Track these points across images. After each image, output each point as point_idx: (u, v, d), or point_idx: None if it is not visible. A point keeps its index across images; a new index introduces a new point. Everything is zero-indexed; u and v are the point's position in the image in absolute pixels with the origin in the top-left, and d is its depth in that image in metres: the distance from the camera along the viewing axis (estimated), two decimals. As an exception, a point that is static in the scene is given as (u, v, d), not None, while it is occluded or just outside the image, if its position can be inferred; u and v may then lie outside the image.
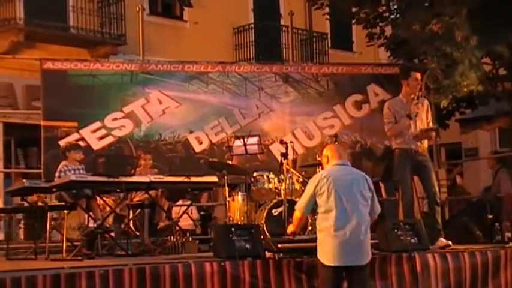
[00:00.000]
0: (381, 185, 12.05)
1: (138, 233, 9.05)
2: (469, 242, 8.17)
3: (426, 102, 8.12)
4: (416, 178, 7.99)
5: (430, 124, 7.95)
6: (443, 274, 6.83)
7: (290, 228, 6.14)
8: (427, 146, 7.93)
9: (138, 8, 12.20)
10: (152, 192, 8.54)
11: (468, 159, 16.49)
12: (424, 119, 7.88)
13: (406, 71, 8.10)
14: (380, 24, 12.50)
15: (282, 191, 8.01)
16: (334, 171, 5.72)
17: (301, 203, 5.82)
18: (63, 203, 8.20)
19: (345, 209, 5.56)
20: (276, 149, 9.92)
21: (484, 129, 14.65)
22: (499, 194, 9.86)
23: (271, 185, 8.25)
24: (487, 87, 11.23)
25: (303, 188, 8.45)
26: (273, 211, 7.87)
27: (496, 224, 8.45)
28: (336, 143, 8.32)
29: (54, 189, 8.07)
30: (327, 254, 5.57)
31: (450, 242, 7.49)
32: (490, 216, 8.98)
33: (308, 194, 5.70)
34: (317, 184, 5.63)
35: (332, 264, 5.54)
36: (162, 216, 9.11)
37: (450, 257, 6.91)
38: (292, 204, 7.94)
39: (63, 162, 8.40)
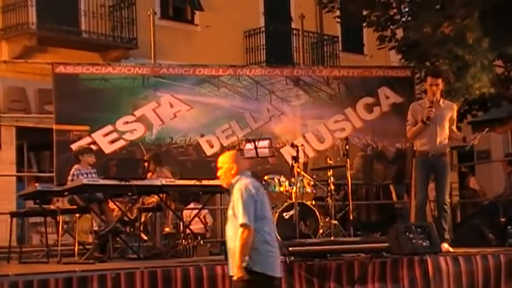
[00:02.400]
0: (392, 188, 12.06)
1: (145, 237, 9.05)
2: (481, 245, 8.14)
3: (450, 106, 8.04)
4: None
5: (453, 128, 7.89)
6: (456, 277, 6.81)
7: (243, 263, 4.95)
8: (446, 150, 7.87)
9: (149, 12, 12.25)
10: (156, 198, 8.56)
11: (480, 161, 16.41)
12: (446, 123, 7.82)
13: (425, 75, 8.14)
14: (391, 26, 12.47)
15: (293, 194, 8.02)
16: (256, 182, 5.23)
17: (250, 217, 4.89)
18: (75, 207, 8.24)
19: (271, 221, 5.21)
20: (287, 152, 9.93)
21: (496, 132, 14.57)
22: (511, 197, 9.82)
23: (282, 188, 8.27)
24: (499, 89, 11.18)
25: (314, 192, 8.48)
26: (284, 214, 7.89)
27: (509, 227, 8.40)
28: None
29: (66, 193, 8.11)
30: (273, 265, 5.06)
31: (451, 249, 7.44)
32: (503, 219, 8.94)
33: (251, 205, 4.95)
34: (256, 194, 5.02)
35: (279, 276, 5.12)
36: (168, 221, 9.12)
37: (462, 260, 6.89)
38: (303, 207, 7.97)
39: (76, 166, 8.44)
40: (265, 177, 8.40)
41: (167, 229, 9.05)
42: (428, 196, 7.93)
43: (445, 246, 7.44)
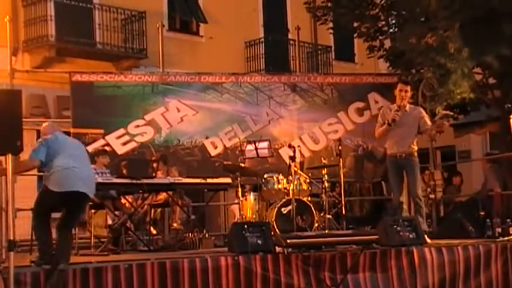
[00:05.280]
0: (383, 184, 12.06)
1: (155, 231, 9.04)
2: (462, 237, 8.13)
3: (418, 110, 8.04)
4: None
5: (426, 126, 7.85)
6: (439, 267, 6.80)
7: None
8: (413, 150, 7.81)
9: (158, 25, 12.23)
10: (165, 195, 8.54)
11: (461, 161, 16.41)
12: (413, 127, 7.80)
13: (397, 82, 8.18)
14: (380, 37, 12.47)
15: (291, 191, 8.02)
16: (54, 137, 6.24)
17: (33, 153, 6.10)
18: (91, 203, 8.23)
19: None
20: (285, 153, 9.93)
21: (476, 133, 14.58)
22: (489, 193, 9.82)
23: (280, 186, 8.26)
24: (478, 95, 11.18)
25: (309, 188, 8.49)
26: (282, 209, 7.88)
27: (487, 220, 8.39)
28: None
29: (82, 191, 8.08)
30: (60, 183, 6.01)
31: (429, 240, 7.42)
32: (482, 213, 8.93)
33: (39, 148, 6.09)
34: (46, 142, 6.11)
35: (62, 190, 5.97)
36: (175, 216, 9.11)
37: (445, 251, 6.89)
38: (300, 203, 7.98)
39: (92, 166, 8.42)
40: (265, 176, 8.39)
41: (175, 225, 9.04)
42: (404, 194, 7.89)
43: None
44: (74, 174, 5.98)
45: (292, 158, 8.20)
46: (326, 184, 8.62)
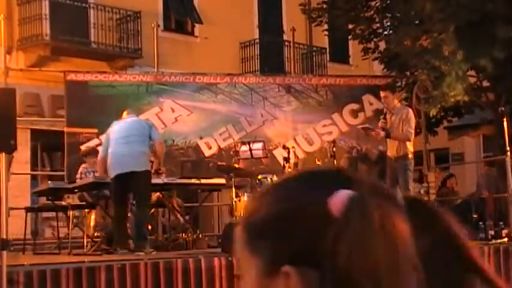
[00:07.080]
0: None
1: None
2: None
3: (403, 111, 8.02)
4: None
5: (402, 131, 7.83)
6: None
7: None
8: (405, 152, 7.83)
9: (153, 25, 12.23)
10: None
11: (455, 163, 16.46)
12: (398, 129, 7.82)
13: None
14: (374, 39, 12.51)
15: (284, 192, 8.00)
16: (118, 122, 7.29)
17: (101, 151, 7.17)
18: (84, 203, 8.22)
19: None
20: (279, 154, 9.92)
21: (469, 136, 14.62)
22: (480, 196, 9.87)
23: (274, 187, 8.25)
24: (472, 97, 11.22)
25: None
26: (276, 210, 7.87)
27: (480, 222, 8.44)
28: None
29: (76, 190, 8.09)
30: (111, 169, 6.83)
31: None
32: (475, 216, 8.97)
33: (104, 143, 7.14)
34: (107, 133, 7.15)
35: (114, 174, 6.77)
36: (175, 215, 9.10)
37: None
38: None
39: (84, 165, 8.44)
40: (259, 177, 8.39)
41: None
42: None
43: None
44: (117, 158, 6.59)
45: (287, 159, 8.20)
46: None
